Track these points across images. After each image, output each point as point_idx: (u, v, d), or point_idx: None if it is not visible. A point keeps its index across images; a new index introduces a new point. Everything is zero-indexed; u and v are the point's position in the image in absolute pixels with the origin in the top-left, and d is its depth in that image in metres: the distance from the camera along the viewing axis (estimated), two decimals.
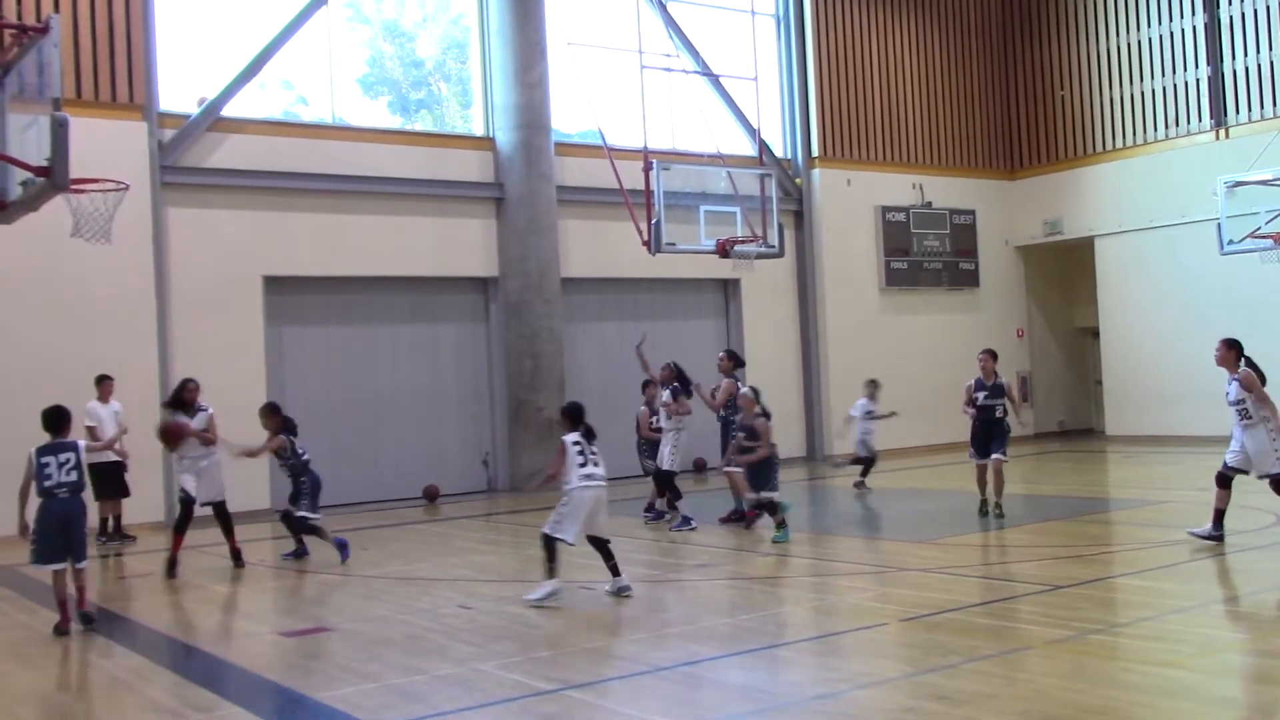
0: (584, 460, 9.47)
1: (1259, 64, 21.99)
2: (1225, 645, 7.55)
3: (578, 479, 9.44)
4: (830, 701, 6.61)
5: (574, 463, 9.45)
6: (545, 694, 6.93)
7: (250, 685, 7.65)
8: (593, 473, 9.49)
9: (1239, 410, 10.66)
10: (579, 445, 9.54)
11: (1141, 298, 23.56)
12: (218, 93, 17.45)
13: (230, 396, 17.03)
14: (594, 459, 9.54)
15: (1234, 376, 10.73)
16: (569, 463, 9.44)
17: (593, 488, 9.47)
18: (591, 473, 9.48)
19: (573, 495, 9.46)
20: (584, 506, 9.43)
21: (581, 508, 9.43)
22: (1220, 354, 10.91)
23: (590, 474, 9.47)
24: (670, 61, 17.89)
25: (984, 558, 10.84)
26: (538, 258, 19.31)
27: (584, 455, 9.50)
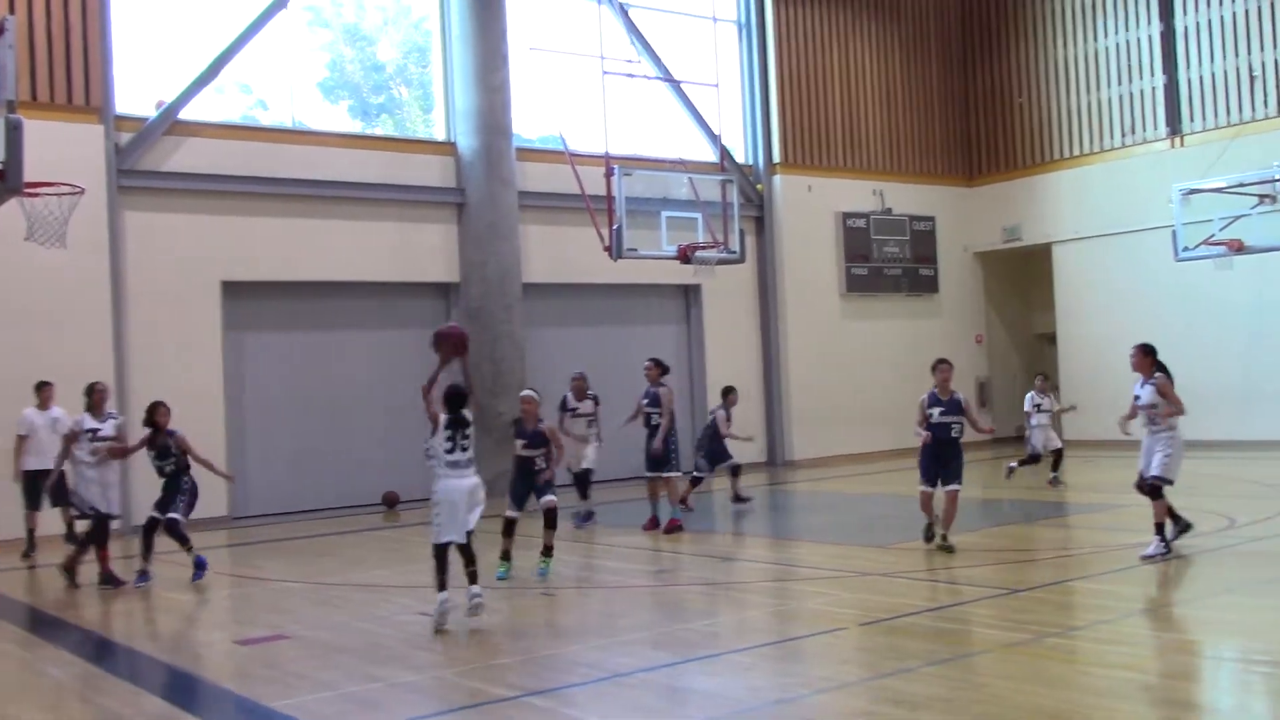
0: (451, 446, 8.94)
1: (1213, 73, 22.27)
2: (1180, 648, 7.63)
3: (442, 467, 8.96)
4: (790, 706, 6.63)
5: (440, 449, 8.96)
6: (505, 701, 6.91)
7: (206, 694, 7.58)
8: (457, 459, 8.95)
9: (1151, 415, 10.76)
10: (449, 431, 8.98)
11: (1098, 304, 23.79)
12: (175, 96, 17.29)
13: (187, 402, 16.91)
14: (463, 445, 8.96)
15: (1149, 381, 10.81)
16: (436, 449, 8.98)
17: (455, 476, 8.94)
18: (456, 459, 8.95)
19: (436, 490, 9.00)
20: (451, 496, 8.90)
21: (448, 499, 8.90)
22: (1136, 359, 10.97)
23: (454, 460, 8.95)
24: (632, 67, 17.89)
25: (942, 562, 10.90)
26: (498, 263, 19.25)
27: (452, 441, 8.96)
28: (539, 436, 11.15)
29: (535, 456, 11.11)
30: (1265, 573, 9.86)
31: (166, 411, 11.85)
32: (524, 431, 11.19)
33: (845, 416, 23.23)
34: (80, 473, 11.75)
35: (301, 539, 15.15)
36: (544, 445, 11.13)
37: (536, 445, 11.11)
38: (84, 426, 11.78)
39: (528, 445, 11.14)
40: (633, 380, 21.86)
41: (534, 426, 11.19)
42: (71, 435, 11.79)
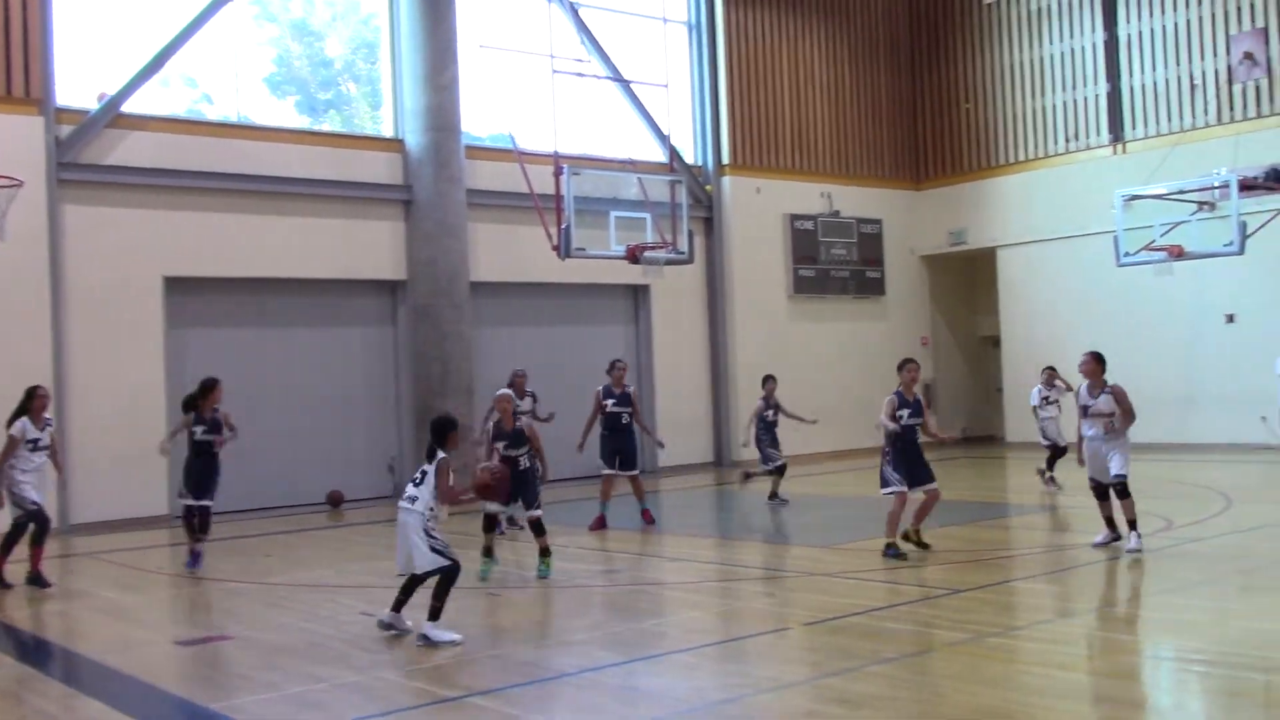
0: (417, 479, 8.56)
1: (1155, 81, 22.62)
2: (1119, 647, 7.74)
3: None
4: (733, 706, 6.65)
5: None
6: (449, 701, 6.88)
7: (144, 695, 7.47)
8: (407, 494, 8.50)
9: (1105, 423, 10.92)
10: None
11: (1041, 307, 24.09)
12: (118, 88, 17.05)
13: (127, 399, 16.72)
14: (414, 479, 8.52)
15: (1106, 390, 11.01)
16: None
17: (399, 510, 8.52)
18: (406, 494, 8.51)
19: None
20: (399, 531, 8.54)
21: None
22: (1088, 367, 11.08)
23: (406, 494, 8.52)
24: (582, 67, 17.87)
25: (887, 562, 10.98)
26: (447, 261, 19.16)
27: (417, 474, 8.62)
28: (519, 436, 10.96)
29: (518, 456, 10.90)
30: (1201, 573, 10.02)
31: (220, 388, 12.45)
32: (502, 432, 10.97)
33: None
34: (15, 476, 11.29)
35: (245, 538, 14.99)
36: (524, 444, 10.94)
37: (517, 445, 10.92)
38: (28, 436, 11.29)
39: (509, 446, 10.91)
40: (581, 380, 21.87)
41: (512, 426, 10.98)
42: (13, 443, 11.24)
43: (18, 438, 11.29)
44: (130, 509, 16.59)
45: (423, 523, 8.28)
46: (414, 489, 8.42)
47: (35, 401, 11.48)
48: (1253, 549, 11.24)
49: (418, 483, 8.43)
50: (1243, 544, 11.38)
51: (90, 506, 16.34)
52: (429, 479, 8.38)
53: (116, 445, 16.58)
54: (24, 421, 11.38)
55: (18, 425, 11.34)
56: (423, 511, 8.29)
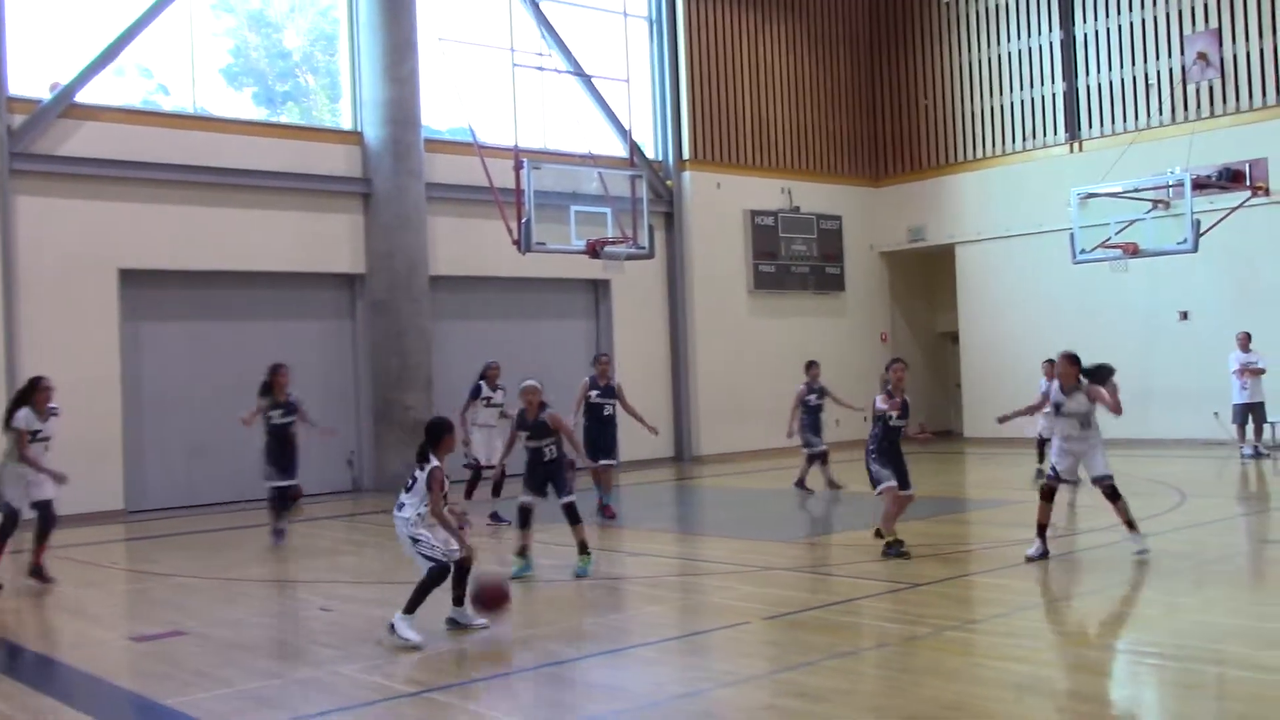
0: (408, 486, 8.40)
1: (1111, 80, 22.84)
2: (1075, 641, 7.81)
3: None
4: (692, 700, 6.65)
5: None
6: (407, 697, 6.84)
7: (97, 691, 7.38)
8: (399, 501, 8.36)
9: (1082, 420, 10.74)
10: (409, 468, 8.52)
11: (999, 304, 24.28)
12: (71, 78, 16.82)
13: (82, 393, 16.49)
14: (406, 484, 8.39)
15: (1079, 389, 10.68)
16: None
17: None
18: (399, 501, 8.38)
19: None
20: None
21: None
22: (1062, 368, 10.78)
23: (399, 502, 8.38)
24: (542, 60, 17.81)
25: (845, 556, 11.03)
26: (405, 255, 19.06)
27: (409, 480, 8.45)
28: (542, 427, 10.82)
29: (542, 447, 10.83)
30: (1155, 568, 10.13)
31: (288, 372, 13.03)
32: (526, 423, 10.86)
33: (752, 412, 23.38)
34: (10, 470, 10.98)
35: (200, 533, 14.86)
36: (549, 435, 10.81)
37: (541, 436, 10.82)
38: (33, 428, 10.90)
39: (531, 437, 10.82)
40: (542, 375, 21.78)
41: (535, 417, 10.85)
42: (22, 436, 10.83)
43: (24, 430, 10.89)
44: (86, 503, 16.36)
45: (409, 529, 8.16)
46: (404, 495, 8.27)
47: (40, 393, 11.08)
48: (1205, 543, 11.38)
49: (408, 488, 8.27)
50: (1196, 538, 11.52)
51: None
52: (419, 486, 8.21)
53: (72, 439, 16.30)
54: (26, 412, 10.98)
55: (21, 417, 10.92)
56: (409, 518, 8.18)
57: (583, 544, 10.74)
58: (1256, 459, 18.49)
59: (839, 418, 20.44)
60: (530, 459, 10.90)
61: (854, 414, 16.97)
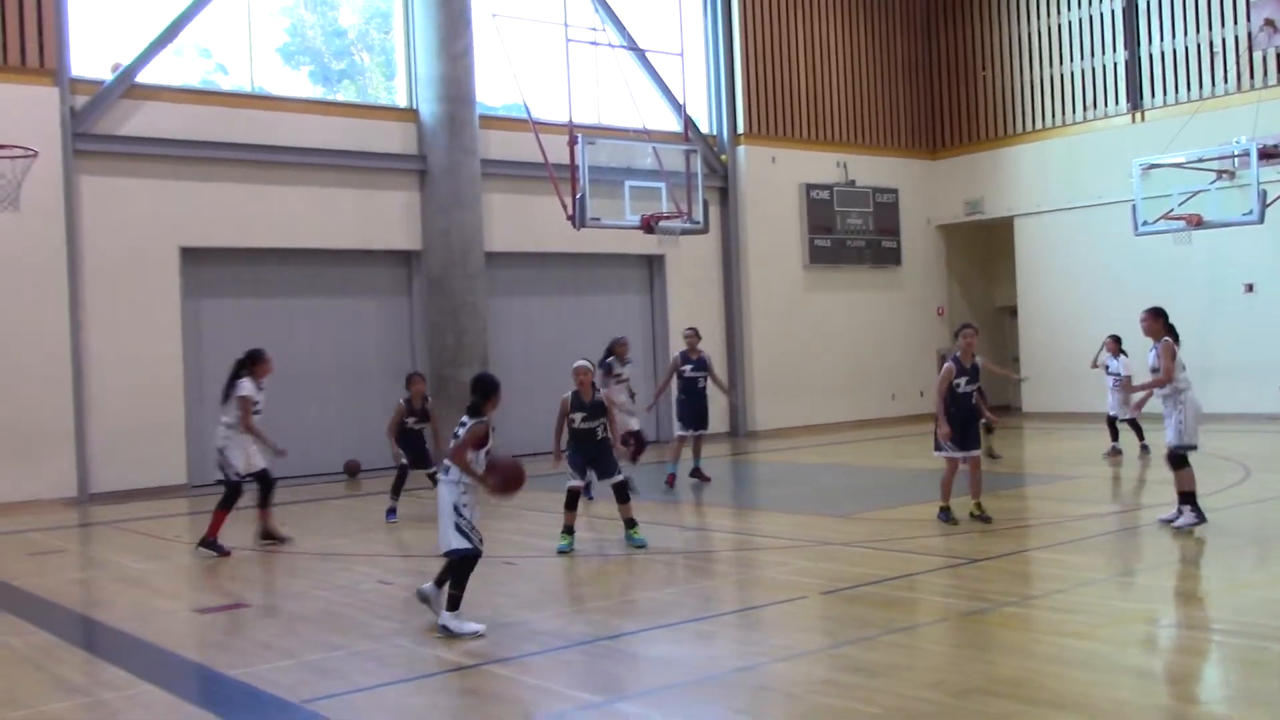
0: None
1: (1174, 49, 22.41)
2: (1133, 616, 7.73)
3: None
4: (749, 674, 6.67)
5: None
6: (465, 669, 6.91)
7: (165, 663, 7.53)
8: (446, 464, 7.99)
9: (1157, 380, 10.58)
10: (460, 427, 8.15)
11: (1058, 277, 23.97)
12: (132, 59, 17.04)
13: (144, 369, 16.79)
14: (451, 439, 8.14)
15: (1157, 343, 10.68)
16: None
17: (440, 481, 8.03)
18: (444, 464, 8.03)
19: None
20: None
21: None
22: (1146, 324, 10.78)
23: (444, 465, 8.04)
24: (596, 35, 17.78)
25: (902, 532, 10.99)
26: (461, 232, 19.14)
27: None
28: (598, 407, 10.96)
29: (595, 427, 10.94)
30: (1217, 543, 9.99)
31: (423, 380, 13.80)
32: (581, 403, 10.97)
33: (807, 387, 23.33)
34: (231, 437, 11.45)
35: None
36: (602, 416, 10.95)
37: (595, 416, 10.93)
38: (256, 399, 11.51)
39: (586, 418, 10.92)
40: (596, 351, 21.85)
41: (591, 398, 10.97)
42: (246, 403, 11.36)
43: (249, 398, 11.34)
44: (149, 479, 16.69)
45: (455, 496, 7.72)
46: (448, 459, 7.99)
47: (259, 365, 11.53)
48: (1270, 519, 11.21)
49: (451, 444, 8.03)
50: (1260, 514, 11.35)
51: (109, 476, 16.44)
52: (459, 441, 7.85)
53: (135, 415, 16.68)
54: (249, 383, 11.38)
55: (245, 387, 11.33)
56: (456, 481, 7.74)
57: (631, 520, 10.84)
58: None
59: (894, 392, 20.30)
60: (580, 439, 10.98)
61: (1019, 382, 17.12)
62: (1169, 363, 10.48)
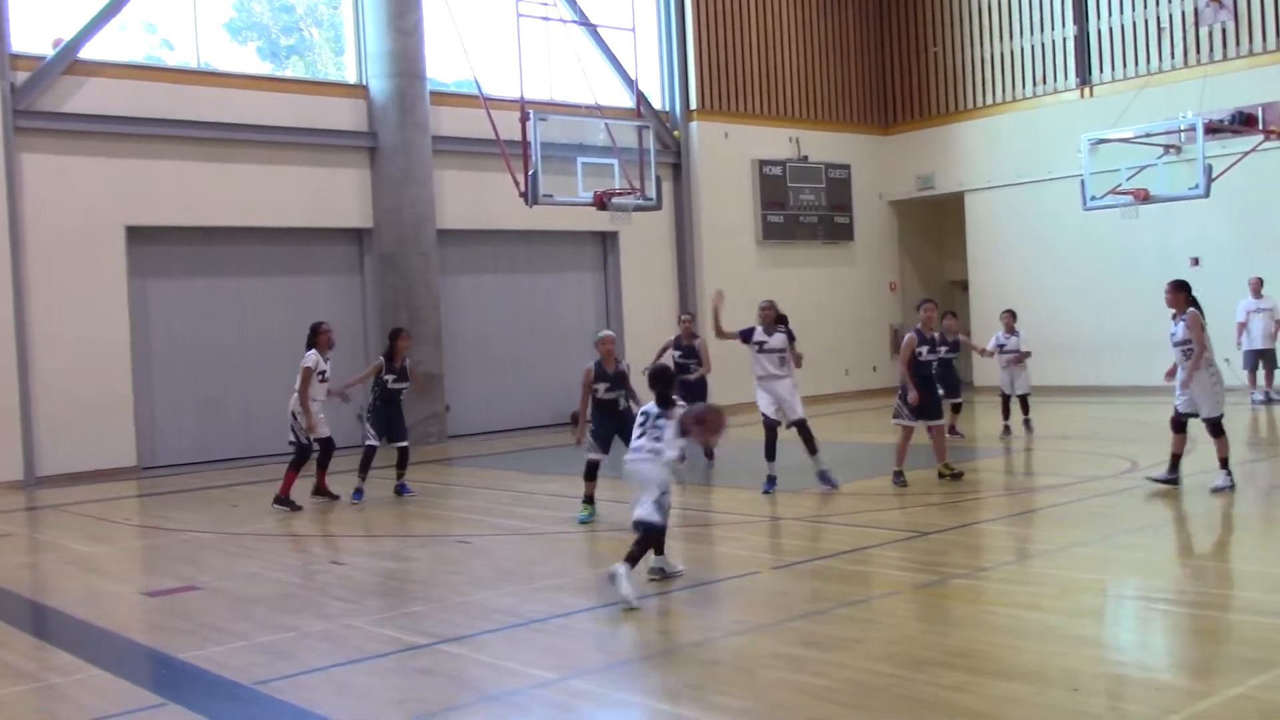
0: (641, 432, 8.36)
1: (1123, 24, 22.57)
2: (1083, 587, 7.82)
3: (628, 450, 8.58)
4: (703, 649, 6.69)
5: (635, 432, 8.46)
6: (418, 649, 6.89)
7: (114, 646, 7.45)
8: (639, 444, 8.27)
9: (1184, 351, 10.85)
10: (644, 415, 8.42)
11: (1009, 252, 24.15)
12: (74, 34, 16.74)
13: (91, 350, 16.56)
14: (652, 433, 8.23)
15: (1181, 316, 10.89)
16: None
17: (627, 462, 8.39)
18: (638, 445, 8.29)
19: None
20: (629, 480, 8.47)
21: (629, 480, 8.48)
22: (1170, 296, 11.00)
23: (636, 446, 8.32)
24: (548, 10, 17.63)
25: (855, 506, 11.06)
26: (413, 209, 19.00)
27: (643, 427, 8.37)
28: (620, 377, 11.09)
29: (618, 398, 11.04)
30: (1164, 514, 10.14)
31: (408, 338, 13.56)
32: (604, 374, 11.04)
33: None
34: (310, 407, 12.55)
35: (211, 489, 14.94)
36: (624, 387, 11.09)
37: (617, 387, 11.05)
38: (320, 368, 12.56)
39: (609, 388, 11.01)
40: (549, 327, 21.85)
41: (614, 368, 11.08)
42: (307, 374, 12.44)
43: (311, 369, 12.37)
44: (97, 461, 16.49)
45: (664, 477, 8.08)
46: (653, 442, 8.09)
47: (322, 335, 12.62)
48: (1229, 490, 11.36)
49: (656, 438, 8.11)
50: (1205, 485, 11.50)
51: (56, 459, 16.23)
52: (668, 433, 8.05)
53: (81, 396, 16.46)
54: (314, 353, 12.46)
55: (310, 357, 12.42)
56: (669, 462, 8.05)
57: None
58: (1267, 404, 18.46)
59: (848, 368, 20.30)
60: (603, 411, 11.05)
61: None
62: (1199, 334, 10.74)
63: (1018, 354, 16.40)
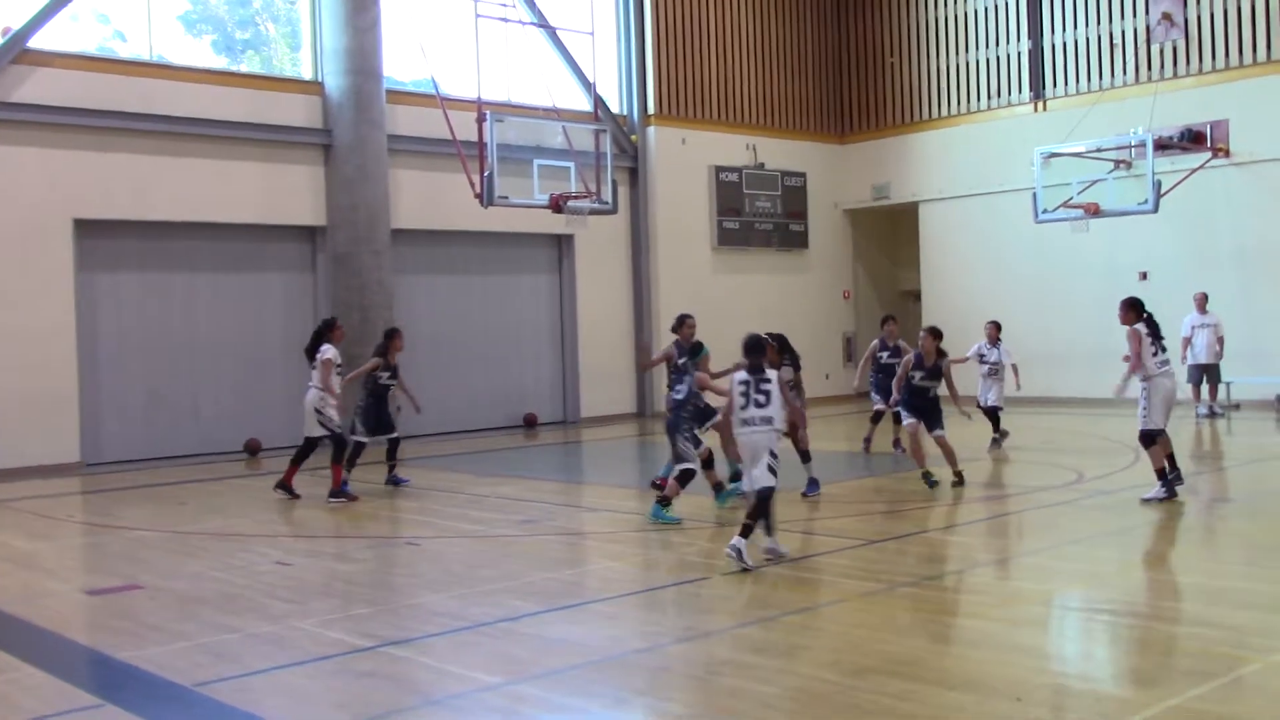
0: (745, 402, 8.68)
1: (1076, 40, 22.84)
2: (1027, 597, 7.89)
3: (736, 424, 8.86)
4: (649, 655, 6.68)
5: (735, 404, 8.77)
6: (363, 651, 6.83)
7: (52, 646, 7.33)
8: (750, 415, 8.64)
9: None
10: (744, 385, 8.75)
11: (961, 262, 24.36)
12: (24, 23, 16.48)
13: (37, 345, 16.31)
14: (757, 400, 8.64)
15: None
16: (731, 403, 8.87)
17: (744, 434, 8.70)
18: (749, 415, 8.65)
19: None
20: (743, 451, 8.81)
21: (743, 452, 8.83)
22: (1121, 314, 11.29)
23: (746, 418, 8.67)
24: (507, 11, 17.60)
25: (804, 513, 11.10)
26: (367, 207, 18.87)
27: (745, 396, 8.71)
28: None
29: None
30: (1109, 524, 10.25)
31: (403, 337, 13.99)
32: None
33: (714, 368, 23.38)
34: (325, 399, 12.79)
35: (158, 486, 14.76)
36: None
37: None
38: (338, 361, 12.84)
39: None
40: (503, 329, 21.79)
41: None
42: (328, 366, 12.71)
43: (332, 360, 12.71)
44: (41, 456, 16.25)
45: (773, 442, 8.64)
46: (761, 410, 8.64)
47: (337, 330, 13.12)
48: (1159, 503, 11.49)
49: (762, 404, 8.64)
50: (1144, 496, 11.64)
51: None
52: (774, 396, 8.64)
53: (24, 390, 16.20)
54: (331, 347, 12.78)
55: (329, 350, 12.74)
56: (778, 428, 8.69)
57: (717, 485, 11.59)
58: (1211, 419, 18.71)
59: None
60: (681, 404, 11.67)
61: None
62: (1134, 346, 11.03)
63: (996, 366, 16.13)
